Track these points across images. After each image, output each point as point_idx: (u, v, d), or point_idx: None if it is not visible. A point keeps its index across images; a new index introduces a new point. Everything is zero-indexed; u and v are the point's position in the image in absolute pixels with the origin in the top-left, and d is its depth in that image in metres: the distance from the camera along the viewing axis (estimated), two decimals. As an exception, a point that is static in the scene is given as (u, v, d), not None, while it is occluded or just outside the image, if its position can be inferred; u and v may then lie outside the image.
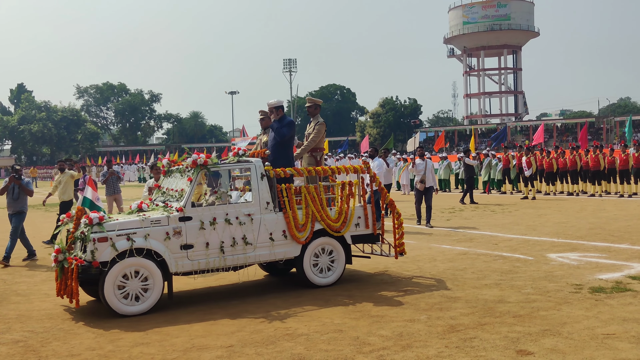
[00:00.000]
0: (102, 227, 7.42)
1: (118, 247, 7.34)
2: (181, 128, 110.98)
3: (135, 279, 7.47)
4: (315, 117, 9.39)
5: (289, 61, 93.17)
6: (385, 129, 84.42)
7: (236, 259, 8.02)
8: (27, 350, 6.21)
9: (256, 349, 5.96)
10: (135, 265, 7.46)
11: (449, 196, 24.37)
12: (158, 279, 7.57)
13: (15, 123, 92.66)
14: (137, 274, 7.48)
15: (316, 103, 9.44)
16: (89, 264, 7.28)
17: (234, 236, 7.99)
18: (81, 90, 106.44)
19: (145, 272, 7.50)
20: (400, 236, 9.07)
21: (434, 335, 6.18)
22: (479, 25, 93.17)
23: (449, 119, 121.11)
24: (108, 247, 7.33)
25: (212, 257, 7.87)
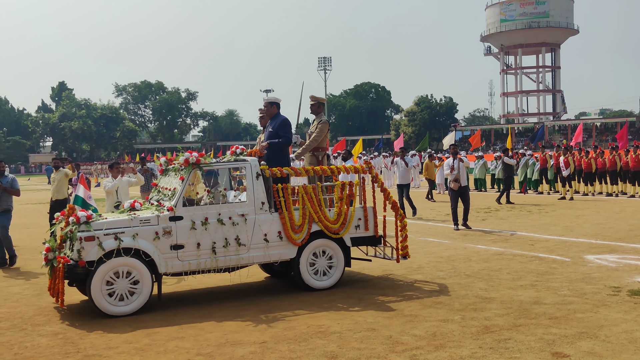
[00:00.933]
0: (89, 226, 7.31)
1: (105, 247, 7.22)
2: (217, 126, 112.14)
3: (123, 279, 7.34)
4: (318, 116, 9.19)
5: (324, 59, 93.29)
6: (420, 128, 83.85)
7: (228, 260, 7.82)
8: (66, 343, 6.37)
9: (289, 346, 6.00)
10: (123, 265, 7.33)
11: (485, 196, 24.11)
12: (147, 280, 7.42)
13: (56, 120, 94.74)
14: (127, 274, 7.37)
15: (320, 101, 9.21)
16: (76, 263, 7.19)
17: (227, 237, 7.79)
18: (120, 88, 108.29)
19: (133, 272, 7.37)
20: (404, 239, 8.79)
21: (468, 335, 6.14)
22: (516, 23, 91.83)
23: (485, 118, 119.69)
24: (95, 246, 7.21)
25: (203, 258, 7.69)
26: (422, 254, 10.94)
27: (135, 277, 7.39)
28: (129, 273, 7.38)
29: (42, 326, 7.05)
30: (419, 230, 14.32)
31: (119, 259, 7.31)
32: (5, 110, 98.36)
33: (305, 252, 8.26)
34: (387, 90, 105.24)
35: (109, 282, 7.30)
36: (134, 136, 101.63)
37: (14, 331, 6.89)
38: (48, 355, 5.97)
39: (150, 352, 5.96)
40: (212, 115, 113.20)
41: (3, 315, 7.63)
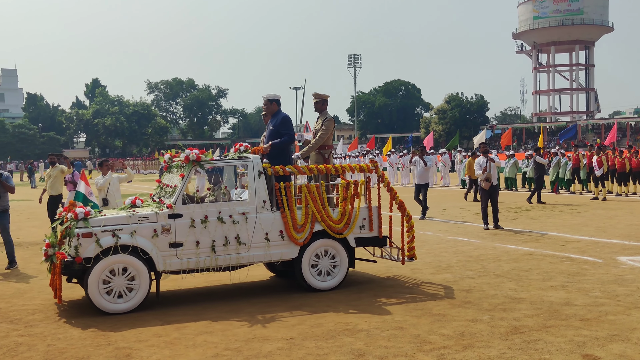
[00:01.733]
0: (87, 222, 7.25)
1: (102, 244, 7.16)
2: (246, 123, 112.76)
3: (121, 276, 7.30)
4: (323, 113, 9.01)
5: (354, 57, 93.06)
6: (450, 126, 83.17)
7: (228, 259, 7.73)
8: (98, 335, 6.49)
9: (316, 343, 6.02)
10: (120, 263, 7.27)
11: (516, 195, 23.83)
12: (144, 277, 7.36)
13: (89, 116, 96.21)
14: (123, 271, 7.33)
15: (324, 98, 9.04)
16: (73, 259, 7.15)
17: (227, 235, 7.70)
18: (152, 85, 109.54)
19: (131, 269, 7.33)
20: (411, 240, 8.61)
21: (497, 336, 6.09)
22: (549, 20, 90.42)
23: (517, 116, 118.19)
24: (92, 243, 7.16)
25: (202, 257, 7.60)
26: (451, 253, 10.88)
27: (132, 275, 7.35)
28: (126, 270, 7.33)
29: (74, 318, 7.19)
30: (448, 229, 14.23)
31: (116, 256, 7.25)
32: (40, 106, 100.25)
33: (307, 252, 8.12)
34: (417, 87, 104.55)
35: (106, 280, 7.26)
36: (165, 133, 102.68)
37: (47, 323, 7.04)
38: (80, 347, 6.09)
39: (180, 346, 6.04)
40: (242, 112, 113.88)
41: (37, 307, 7.80)
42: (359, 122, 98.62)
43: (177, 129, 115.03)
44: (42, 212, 18.73)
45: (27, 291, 8.71)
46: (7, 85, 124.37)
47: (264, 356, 5.68)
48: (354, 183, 8.43)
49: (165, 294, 8.40)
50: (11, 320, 7.17)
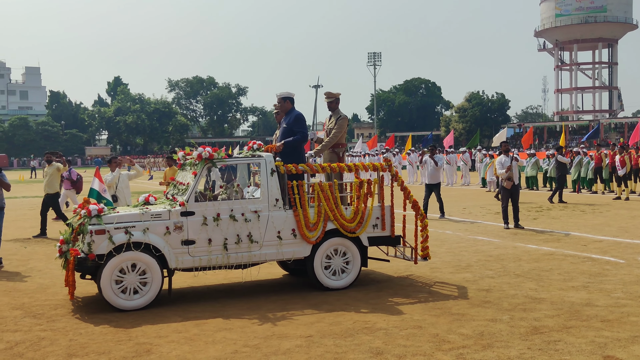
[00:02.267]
0: (100, 219, 7.32)
1: (115, 241, 7.22)
2: (266, 121, 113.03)
3: (133, 273, 7.35)
4: (335, 112, 8.99)
5: (374, 55, 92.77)
6: (471, 124, 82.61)
7: (240, 257, 7.75)
8: (119, 330, 6.56)
9: (334, 341, 6.03)
10: (132, 260, 7.32)
11: (537, 194, 23.62)
12: (157, 275, 7.40)
13: (111, 114, 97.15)
14: (135, 268, 7.37)
15: (336, 97, 9.02)
16: (86, 256, 7.22)
17: (239, 233, 7.70)
18: (172, 83, 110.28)
19: (143, 266, 7.37)
20: (424, 239, 8.55)
21: (516, 336, 6.05)
22: (572, 18, 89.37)
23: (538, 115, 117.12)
24: (105, 239, 7.21)
25: (214, 254, 7.62)
26: (471, 253, 10.82)
27: (145, 272, 7.40)
28: (135, 266, 7.37)
29: (96, 314, 7.27)
30: (468, 228, 14.15)
31: (129, 253, 7.30)
32: (63, 104, 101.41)
33: (319, 250, 8.10)
34: (437, 85, 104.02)
35: (119, 277, 7.32)
36: (186, 130, 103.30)
37: (69, 318, 7.14)
38: (101, 342, 6.16)
39: (199, 342, 6.09)
40: (262, 110, 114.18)
41: (59, 302, 7.91)
42: (378, 120, 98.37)
43: (198, 127, 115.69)
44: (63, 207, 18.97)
45: (50, 286, 8.83)
46: (31, 83, 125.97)
47: (283, 353, 5.71)
48: (367, 182, 8.39)
49: (184, 291, 8.46)
50: (34, 315, 7.28)
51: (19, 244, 13.03)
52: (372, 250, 9.00)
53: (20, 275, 9.71)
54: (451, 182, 30.89)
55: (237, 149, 35.97)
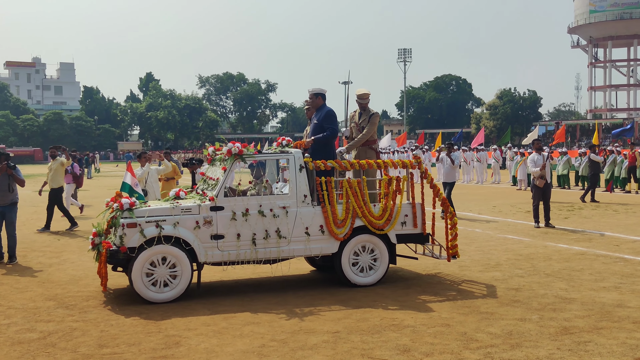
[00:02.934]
0: (132, 212, 7.45)
1: (146, 234, 7.35)
2: (295, 117, 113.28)
3: (163, 266, 7.46)
4: (367, 109, 8.97)
5: (404, 51, 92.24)
6: (502, 122, 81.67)
7: (268, 252, 7.78)
8: (149, 322, 6.66)
9: (361, 337, 6.04)
10: (163, 253, 7.44)
11: (568, 193, 23.27)
12: (186, 268, 7.50)
13: (143, 110, 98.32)
14: (166, 261, 7.48)
15: (368, 95, 9.03)
16: (118, 248, 7.37)
17: (267, 228, 7.75)
18: (203, 79, 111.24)
19: (173, 260, 7.47)
20: (454, 237, 8.45)
21: (546, 336, 5.99)
22: (607, 14, 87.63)
23: (571, 113, 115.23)
24: (136, 233, 7.35)
25: (243, 249, 7.68)
26: (501, 251, 10.72)
27: (175, 265, 7.50)
28: (166, 259, 7.47)
29: (126, 306, 7.39)
30: (497, 227, 14.02)
31: (159, 247, 7.43)
32: (96, 99, 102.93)
33: (347, 247, 8.11)
34: (468, 82, 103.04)
35: (149, 270, 7.43)
36: (216, 126, 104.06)
37: (100, 309, 7.27)
38: (132, 334, 6.26)
39: (227, 335, 6.15)
40: (291, 106, 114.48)
41: (91, 294, 8.05)
42: (408, 117, 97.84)
43: (227, 123, 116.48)
44: (98, 201, 19.29)
45: (82, 278, 9.00)
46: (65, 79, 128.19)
47: (310, 348, 5.74)
48: (396, 179, 8.37)
49: (213, 285, 8.55)
50: (67, 306, 7.43)
51: (53, 236, 13.29)
52: (401, 248, 8.97)
53: (54, 266, 9.91)
54: (481, 180, 30.60)
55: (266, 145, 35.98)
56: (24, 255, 10.88)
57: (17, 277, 9.11)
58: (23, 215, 15.90)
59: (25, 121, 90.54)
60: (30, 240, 12.53)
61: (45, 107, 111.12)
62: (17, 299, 7.79)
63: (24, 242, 12.14)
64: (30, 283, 8.72)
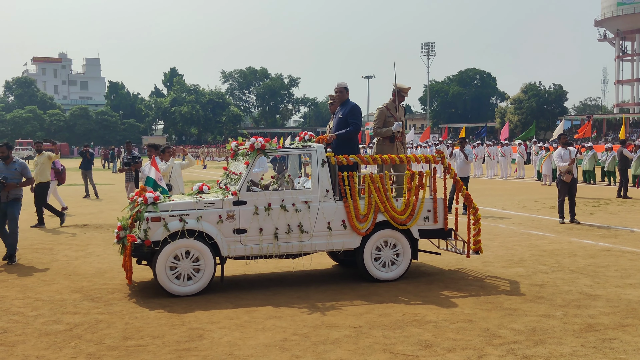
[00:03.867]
0: (156, 207, 7.51)
1: (170, 228, 7.41)
2: (317, 112, 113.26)
3: (187, 259, 7.52)
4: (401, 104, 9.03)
5: (427, 45, 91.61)
6: (527, 116, 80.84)
7: (290, 247, 7.81)
8: (172, 315, 6.73)
9: (383, 332, 6.04)
10: (186, 247, 7.50)
11: (594, 189, 22.97)
12: (209, 262, 7.55)
13: (167, 105, 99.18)
14: (189, 255, 7.54)
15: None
16: (142, 242, 7.44)
17: (289, 223, 7.77)
18: (226, 74, 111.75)
19: (196, 253, 7.53)
20: (477, 233, 8.38)
21: (570, 333, 5.93)
22: (635, 7, 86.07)
23: (598, 107, 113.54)
24: (160, 227, 7.41)
25: (265, 243, 7.71)
26: (525, 247, 10.62)
27: (198, 259, 7.56)
28: (189, 253, 7.53)
29: (150, 298, 7.48)
30: (521, 222, 13.89)
31: (183, 240, 7.47)
32: (121, 94, 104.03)
33: (369, 242, 8.08)
34: (492, 76, 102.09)
35: (173, 263, 7.50)
36: (239, 121, 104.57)
37: (125, 302, 7.36)
38: (156, 327, 6.34)
39: (250, 329, 6.19)
40: (313, 101, 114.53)
41: (116, 286, 8.16)
42: (431, 111, 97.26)
43: (250, 118, 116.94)
44: (123, 195, 19.51)
45: (108, 271, 9.12)
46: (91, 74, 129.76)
47: (331, 343, 5.75)
48: (419, 174, 8.34)
49: (236, 279, 8.61)
50: (92, 299, 7.54)
51: (79, 229, 13.48)
52: (423, 243, 8.94)
53: (80, 259, 10.06)
54: (505, 175, 30.34)
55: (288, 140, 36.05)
56: (50, 249, 11.05)
57: (44, 270, 9.26)
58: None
59: (52, 116, 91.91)
60: (56, 234, 12.73)
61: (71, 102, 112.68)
62: (44, 291, 7.93)
63: (50, 236, 12.34)
64: (57, 276, 8.86)
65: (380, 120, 8.99)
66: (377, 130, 9.01)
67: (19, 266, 9.56)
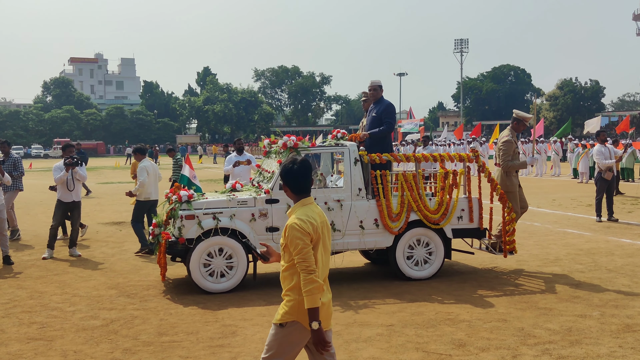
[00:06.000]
0: (190, 205, 7.60)
1: (204, 226, 7.49)
2: (349, 109, 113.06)
3: (220, 257, 7.59)
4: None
5: (461, 41, 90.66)
6: (562, 113, 79.45)
7: None
8: (206, 312, 6.81)
9: (416, 331, 6.01)
10: (220, 244, 7.57)
11: (633, 186, 22.46)
12: (242, 259, 7.61)
13: (200, 103, 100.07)
14: (222, 252, 7.61)
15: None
16: (176, 239, 7.53)
17: None
18: (258, 73, 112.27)
19: (229, 251, 7.59)
20: (511, 232, 8.26)
21: (607, 333, 5.82)
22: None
23: (636, 103, 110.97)
24: (194, 224, 7.49)
25: None
26: (560, 246, 10.45)
27: (231, 256, 7.61)
28: (222, 250, 7.58)
29: (184, 295, 7.57)
30: (557, 220, 13.67)
31: (216, 238, 7.57)
32: (156, 94, 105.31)
33: (402, 241, 8.06)
34: (527, 73, 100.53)
35: (207, 261, 7.57)
36: (271, 119, 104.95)
37: (160, 298, 7.47)
38: (190, 323, 6.41)
39: (282, 327, 6.21)
40: (345, 99, 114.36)
41: (151, 283, 8.28)
42: (465, 108, 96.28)
43: (282, 116, 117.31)
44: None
45: (143, 268, 9.26)
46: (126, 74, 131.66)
47: (364, 341, 5.75)
48: (453, 172, 8.26)
49: (268, 276, 8.65)
50: (128, 295, 7.67)
51: (115, 227, 13.71)
52: (457, 242, 8.86)
53: (116, 256, 10.23)
54: (540, 172, 29.88)
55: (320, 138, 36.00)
56: (88, 246, 11.26)
57: (81, 267, 9.44)
58: (87, 206, 16.45)
59: (89, 115, 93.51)
60: (93, 231, 12.96)
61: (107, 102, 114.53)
62: (81, 287, 8.09)
63: (88, 233, 12.56)
64: (94, 272, 9.03)
65: (509, 152, 8.77)
66: (508, 163, 8.69)
67: (57, 262, 9.77)
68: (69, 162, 10.13)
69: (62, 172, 10.17)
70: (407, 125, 48.80)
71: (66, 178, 10.15)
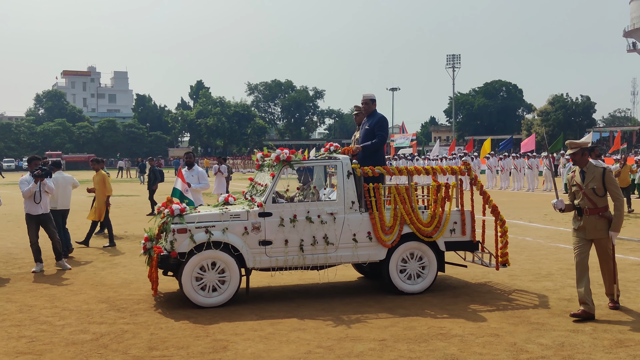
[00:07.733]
0: (182, 218, 7.57)
1: (196, 239, 7.45)
2: (342, 123, 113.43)
3: (213, 271, 7.56)
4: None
5: (453, 57, 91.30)
6: (554, 128, 79.93)
7: (316, 259, 7.80)
8: (197, 327, 6.75)
9: (408, 346, 5.98)
10: (212, 258, 7.54)
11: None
12: (235, 273, 7.58)
13: (193, 117, 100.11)
14: (215, 266, 7.58)
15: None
16: (168, 253, 7.49)
17: (315, 235, 7.76)
18: (252, 87, 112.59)
19: (222, 265, 7.56)
20: (504, 245, 8.24)
21: (599, 348, 5.81)
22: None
23: (627, 119, 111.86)
24: (187, 238, 7.46)
25: (290, 255, 7.70)
26: (552, 261, 10.46)
27: (224, 270, 7.59)
28: (215, 264, 7.57)
29: (175, 309, 7.52)
30: (549, 235, 13.70)
31: (209, 252, 7.52)
32: (148, 106, 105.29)
33: (395, 254, 8.04)
34: (518, 88, 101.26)
35: (199, 274, 7.54)
36: (264, 133, 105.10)
37: (150, 312, 7.41)
38: (180, 337, 6.36)
39: (274, 341, 6.18)
40: (338, 112, 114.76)
41: (142, 297, 8.22)
42: (457, 123, 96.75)
43: (275, 130, 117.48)
44: (147, 207, 19.68)
45: (134, 282, 9.20)
46: (119, 87, 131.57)
47: (356, 356, 5.71)
48: (445, 185, 8.28)
49: (260, 290, 8.61)
50: (118, 309, 7.60)
51: (106, 240, 13.61)
52: (450, 255, 8.85)
53: (107, 270, 10.16)
54: (532, 187, 30.00)
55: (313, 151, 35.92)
56: (79, 259, 11.19)
57: (71, 280, 9.37)
58: (78, 219, 16.36)
59: (81, 128, 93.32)
60: (84, 245, 12.86)
61: (99, 115, 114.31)
62: (71, 301, 8.02)
63: (79, 246, 12.48)
64: (84, 286, 8.96)
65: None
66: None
67: (47, 276, 9.70)
68: (38, 173, 10.00)
69: (30, 184, 10.04)
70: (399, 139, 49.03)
71: (35, 190, 10.02)
